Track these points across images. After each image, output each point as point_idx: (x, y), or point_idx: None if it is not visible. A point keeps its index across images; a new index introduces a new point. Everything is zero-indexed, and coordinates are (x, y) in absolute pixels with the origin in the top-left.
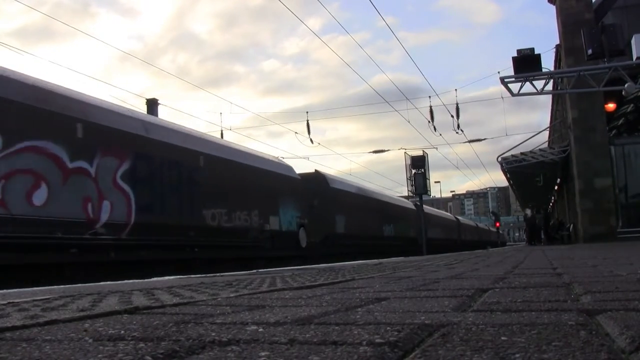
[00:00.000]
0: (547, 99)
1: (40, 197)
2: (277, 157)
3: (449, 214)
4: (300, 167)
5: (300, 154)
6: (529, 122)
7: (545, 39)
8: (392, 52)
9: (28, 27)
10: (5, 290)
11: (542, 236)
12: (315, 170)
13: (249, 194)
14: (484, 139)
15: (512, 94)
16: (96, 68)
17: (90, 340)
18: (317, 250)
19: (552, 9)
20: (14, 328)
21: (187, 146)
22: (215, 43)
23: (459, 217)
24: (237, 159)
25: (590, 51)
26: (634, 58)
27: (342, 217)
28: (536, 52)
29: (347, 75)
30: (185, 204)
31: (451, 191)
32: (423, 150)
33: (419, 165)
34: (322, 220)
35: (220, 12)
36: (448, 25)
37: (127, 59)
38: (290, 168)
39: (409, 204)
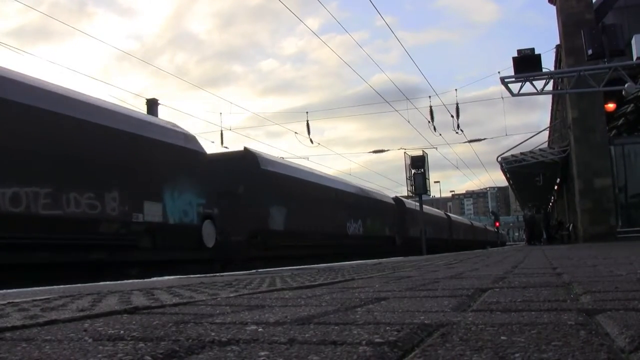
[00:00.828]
0: (547, 99)
1: None
2: (172, 123)
3: (438, 210)
4: None
5: (299, 154)
6: (529, 122)
7: (545, 39)
8: (391, 51)
9: (25, 27)
10: (5, 290)
11: (544, 236)
12: (245, 147)
13: (103, 168)
14: (484, 139)
15: (512, 94)
16: (94, 68)
17: (90, 340)
18: (237, 251)
19: (552, 9)
20: (13, 328)
21: None
22: (214, 43)
23: (450, 214)
24: (77, 114)
25: (590, 51)
26: (634, 58)
27: (280, 210)
28: (536, 52)
29: (345, 75)
30: None
31: (451, 191)
32: (423, 150)
33: (418, 165)
34: (249, 213)
35: (219, 11)
36: (447, 25)
37: (124, 59)
38: (191, 138)
39: (386, 197)
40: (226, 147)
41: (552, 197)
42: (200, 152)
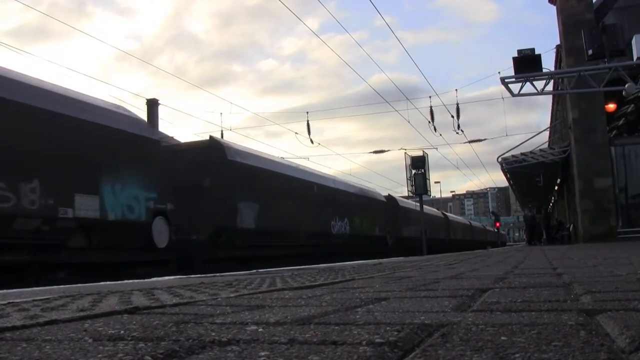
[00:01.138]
0: (546, 99)
1: None
2: (117, 105)
3: (435, 209)
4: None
5: (299, 154)
6: (528, 122)
7: (545, 39)
8: (390, 51)
9: (24, 27)
10: (5, 290)
11: (544, 236)
12: (210, 136)
13: (17, 154)
14: (484, 139)
15: (513, 94)
16: (93, 68)
17: (90, 340)
18: (198, 251)
19: (552, 9)
20: (14, 328)
21: None
22: (213, 42)
23: (448, 214)
24: None
25: (590, 51)
26: (635, 58)
27: (251, 205)
28: (536, 52)
29: (345, 75)
30: None
31: (451, 191)
32: (423, 151)
33: (419, 165)
34: (213, 209)
35: (218, 11)
36: (446, 25)
37: (124, 59)
38: (139, 122)
39: (377, 195)
40: None
41: (553, 198)
42: (151, 139)
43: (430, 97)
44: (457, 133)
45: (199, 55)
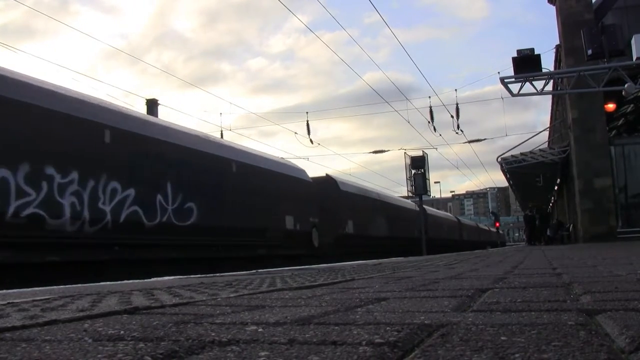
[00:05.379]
0: (541, 99)
1: None
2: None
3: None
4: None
5: (297, 154)
6: (524, 121)
7: (544, 39)
8: (379, 51)
9: (8, 25)
10: (5, 291)
11: (547, 234)
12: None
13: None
14: (484, 139)
15: (512, 94)
16: (80, 66)
17: (90, 341)
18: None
19: (552, 9)
20: (13, 328)
21: None
22: (200, 41)
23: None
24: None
25: (590, 51)
26: (634, 58)
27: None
28: (535, 52)
29: (337, 74)
30: None
31: (451, 191)
32: (423, 151)
33: (418, 165)
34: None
35: (203, 9)
36: (436, 23)
37: (111, 57)
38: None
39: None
40: None
41: (553, 197)
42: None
43: (430, 97)
44: (457, 133)
45: (187, 54)
